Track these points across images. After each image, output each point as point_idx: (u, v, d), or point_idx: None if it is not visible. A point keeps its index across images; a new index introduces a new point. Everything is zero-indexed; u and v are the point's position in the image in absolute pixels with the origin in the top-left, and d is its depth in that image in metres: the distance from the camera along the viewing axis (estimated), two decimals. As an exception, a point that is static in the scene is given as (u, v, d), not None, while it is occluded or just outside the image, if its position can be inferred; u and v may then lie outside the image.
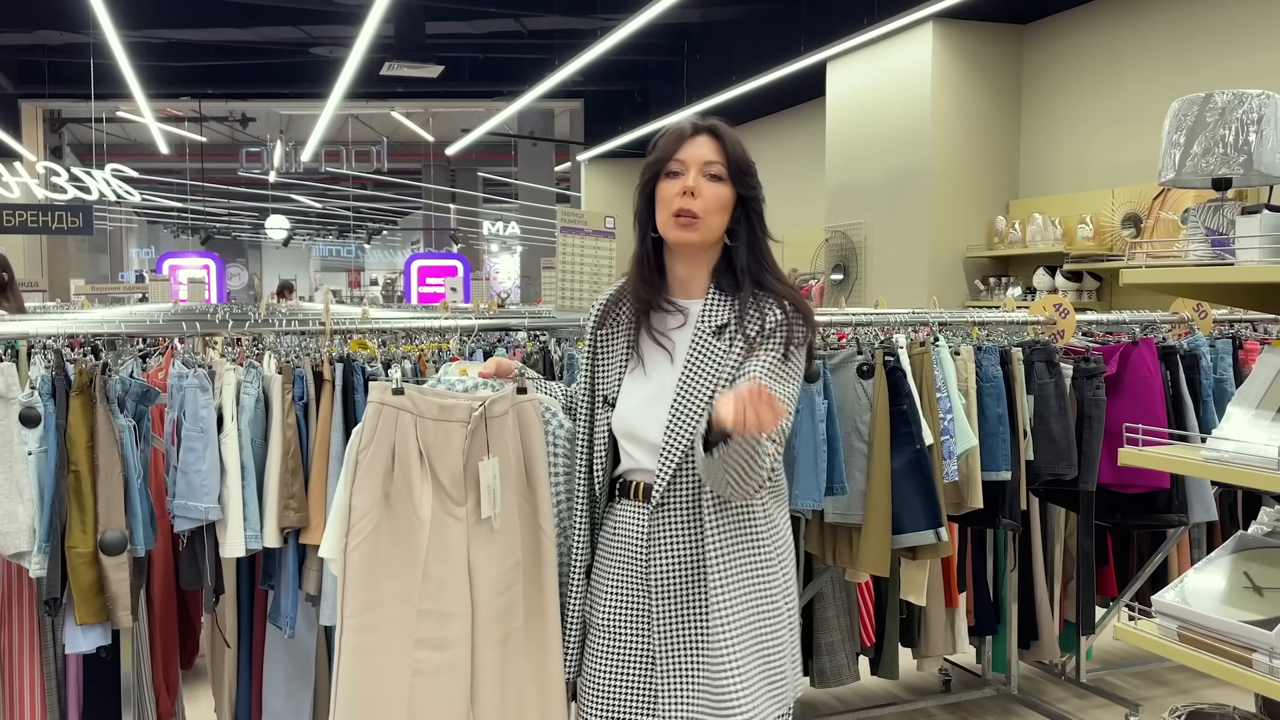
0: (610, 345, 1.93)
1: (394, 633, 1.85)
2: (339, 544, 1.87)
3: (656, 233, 1.85)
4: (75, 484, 2.23)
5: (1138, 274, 2.09)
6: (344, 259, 34.09)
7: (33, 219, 10.64)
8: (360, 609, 1.85)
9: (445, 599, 1.86)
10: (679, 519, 1.81)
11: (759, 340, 1.79)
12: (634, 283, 1.89)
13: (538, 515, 1.94)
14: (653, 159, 1.84)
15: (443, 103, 14.29)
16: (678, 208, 1.79)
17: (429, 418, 1.88)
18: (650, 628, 1.83)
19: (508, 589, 1.90)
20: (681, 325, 1.86)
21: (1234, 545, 2.02)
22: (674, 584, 1.81)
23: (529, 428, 1.94)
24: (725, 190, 1.81)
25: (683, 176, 1.80)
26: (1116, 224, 6.49)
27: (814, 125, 9.60)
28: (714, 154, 1.81)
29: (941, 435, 2.89)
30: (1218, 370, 3.43)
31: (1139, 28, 6.66)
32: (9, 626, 2.45)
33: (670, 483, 1.80)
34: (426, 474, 1.87)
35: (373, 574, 1.85)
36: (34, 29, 10.41)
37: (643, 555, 1.83)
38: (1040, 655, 3.66)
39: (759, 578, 1.83)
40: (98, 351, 2.60)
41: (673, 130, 1.85)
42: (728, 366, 1.79)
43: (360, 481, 1.86)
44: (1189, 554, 3.72)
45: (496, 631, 1.89)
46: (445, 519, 1.88)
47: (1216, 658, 1.83)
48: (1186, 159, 2.09)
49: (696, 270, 1.87)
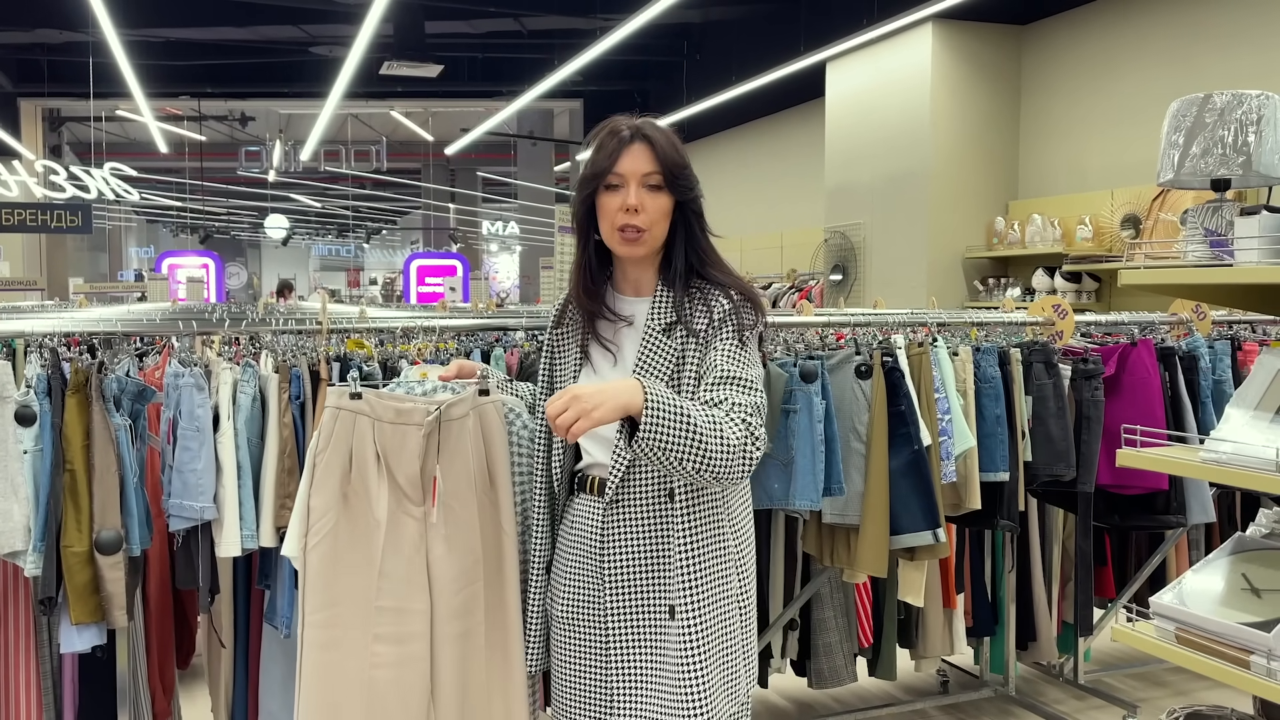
0: (564, 345, 1.97)
1: (352, 628, 1.92)
2: (299, 544, 1.95)
3: (599, 236, 1.89)
4: (71, 483, 2.23)
5: (1136, 275, 2.08)
6: (343, 258, 34.09)
7: (31, 218, 10.63)
8: (320, 606, 1.93)
9: (403, 595, 1.92)
10: (636, 513, 1.83)
11: (709, 332, 1.82)
12: (576, 293, 1.93)
13: (499, 514, 2.00)
14: (590, 172, 1.85)
15: (442, 102, 14.29)
16: (622, 223, 1.82)
17: (386, 421, 1.93)
18: (605, 621, 1.85)
19: (467, 586, 1.96)
20: (629, 325, 1.90)
21: (1232, 547, 2.02)
22: (629, 578, 1.83)
23: (491, 429, 1.99)
24: (665, 199, 1.84)
25: (623, 190, 1.82)
26: (1116, 225, 6.48)
27: (813, 125, 9.60)
28: (649, 163, 1.83)
29: (939, 436, 2.89)
30: (1216, 371, 3.43)
31: (1138, 29, 6.65)
32: (4, 626, 2.45)
33: (625, 477, 1.82)
34: (383, 475, 1.93)
35: (332, 572, 1.93)
36: (33, 28, 10.41)
37: (597, 550, 1.86)
38: (1038, 656, 3.65)
39: (721, 574, 1.85)
40: (94, 350, 2.60)
41: (608, 136, 1.85)
42: (675, 361, 1.82)
43: (318, 483, 1.93)
44: (1187, 555, 3.72)
45: (456, 627, 1.94)
46: (402, 519, 1.94)
47: (1214, 659, 1.83)
48: (1185, 160, 2.08)
49: (645, 270, 1.91)
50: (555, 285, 4.39)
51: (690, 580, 1.81)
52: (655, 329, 1.85)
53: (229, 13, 10.15)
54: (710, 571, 1.83)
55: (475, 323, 3.00)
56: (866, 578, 3.09)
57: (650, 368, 1.83)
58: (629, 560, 1.83)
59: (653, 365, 1.83)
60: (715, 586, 1.83)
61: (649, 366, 1.83)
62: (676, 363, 1.83)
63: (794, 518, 3.10)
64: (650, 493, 1.83)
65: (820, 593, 3.28)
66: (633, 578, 1.83)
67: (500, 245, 26.79)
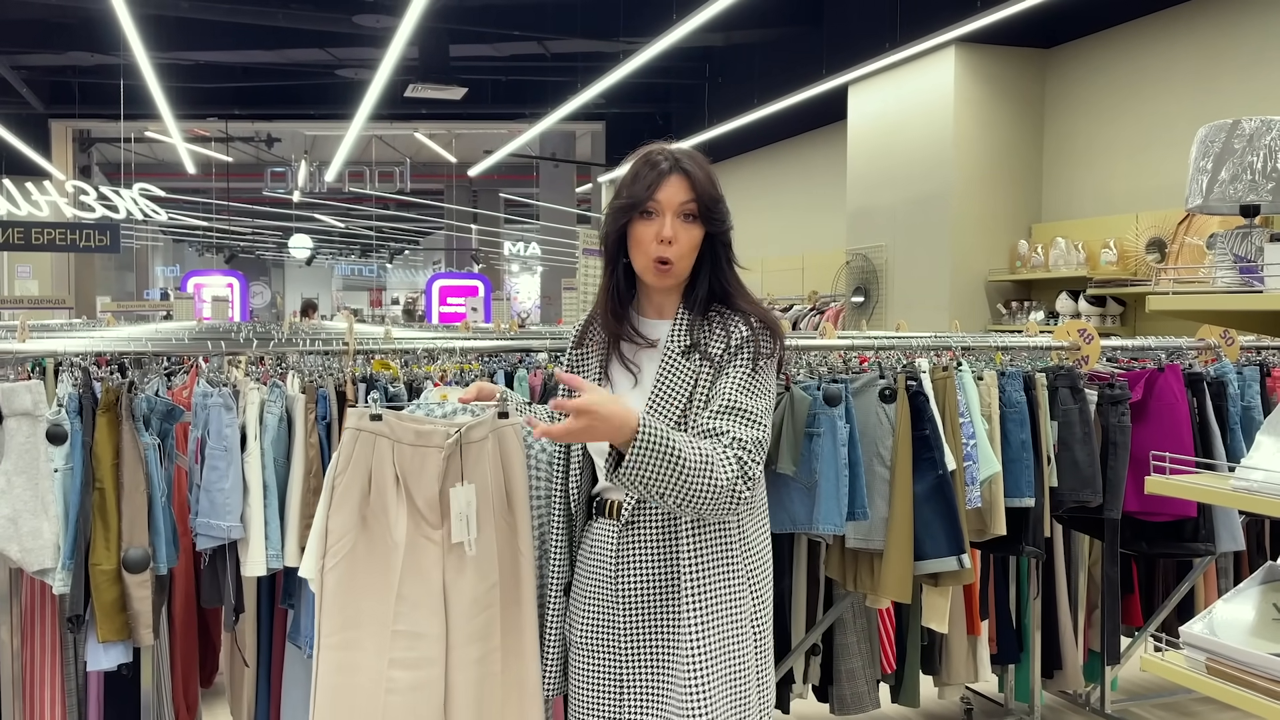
0: (584, 365, 1.98)
1: (369, 651, 1.91)
2: (317, 565, 1.94)
3: (627, 260, 1.90)
4: (100, 501, 2.25)
5: (1165, 300, 2.07)
6: (366, 278, 34.33)
7: (61, 237, 10.79)
8: (336, 628, 1.92)
9: (419, 620, 1.91)
10: (650, 537, 1.84)
11: (725, 357, 1.84)
12: (603, 315, 1.95)
13: (517, 538, 1.99)
14: (628, 200, 1.86)
15: (465, 124, 14.41)
16: (657, 255, 1.84)
17: (405, 443, 1.92)
18: (621, 645, 1.86)
19: (484, 610, 1.94)
20: (651, 347, 1.91)
21: (1263, 576, 1.99)
22: (644, 602, 1.84)
23: (510, 451, 1.99)
24: (697, 231, 1.87)
25: (658, 220, 1.84)
26: (1141, 248, 6.44)
27: (835, 148, 9.61)
28: (686, 193, 1.84)
29: (964, 461, 2.87)
30: (1245, 398, 3.40)
31: (1162, 52, 6.64)
32: (32, 643, 2.47)
33: (639, 501, 1.84)
34: (402, 498, 1.92)
35: (349, 595, 1.92)
36: (65, 50, 10.59)
37: (612, 573, 1.86)
38: (1064, 685, 3.61)
39: (732, 598, 1.84)
40: (124, 370, 2.63)
41: (648, 165, 1.87)
42: (692, 384, 1.84)
43: (337, 505, 1.92)
44: (1215, 584, 3.67)
45: (472, 651, 1.93)
46: (421, 542, 1.93)
47: (1246, 690, 1.80)
48: (1214, 185, 2.07)
49: (669, 295, 1.93)
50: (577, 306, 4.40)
51: (698, 604, 1.80)
52: (674, 351, 1.87)
53: (257, 36, 10.30)
54: (721, 595, 1.82)
55: (499, 344, 3.01)
56: (890, 603, 3.07)
57: (667, 389, 1.85)
58: (642, 584, 1.84)
59: (670, 386, 1.85)
60: (726, 610, 1.82)
61: (666, 388, 1.85)
62: (692, 385, 1.84)
63: (817, 542, 3.08)
64: (662, 516, 1.83)
65: (843, 617, 3.25)
66: (646, 602, 1.84)
67: (522, 266, 26.90)
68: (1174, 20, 6.57)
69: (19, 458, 2.21)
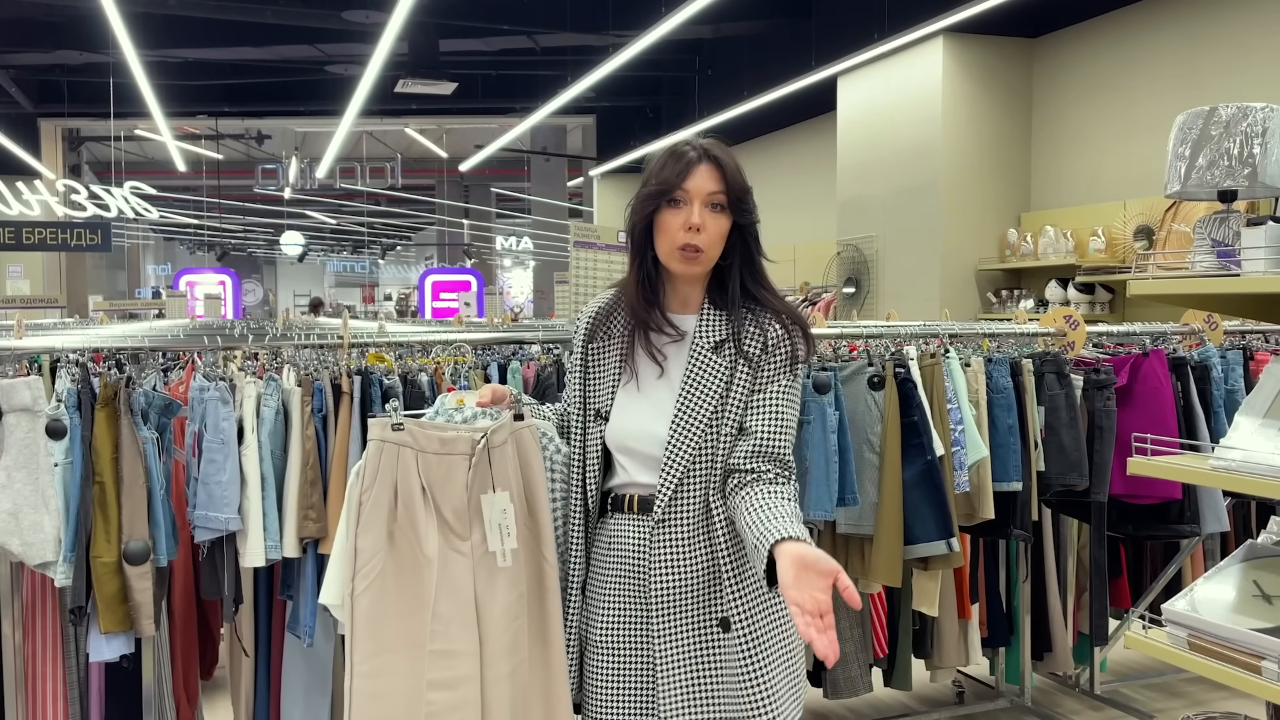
0: (602, 359, 1.93)
1: (404, 674, 1.80)
2: (344, 589, 1.80)
3: (654, 251, 1.87)
4: (100, 495, 2.28)
5: (1145, 285, 2.11)
6: (358, 274, 34.30)
7: (52, 236, 10.77)
8: (370, 654, 1.79)
9: (453, 637, 1.81)
10: (683, 532, 1.83)
11: (761, 358, 1.82)
12: (634, 302, 1.90)
13: (540, 544, 1.90)
14: (656, 187, 1.83)
15: (456, 119, 14.42)
16: (684, 243, 1.81)
17: (431, 452, 1.82)
18: (651, 641, 1.84)
19: (514, 621, 1.86)
20: (677, 340, 1.89)
21: (1244, 554, 2.04)
22: (677, 597, 1.82)
23: (528, 454, 1.90)
24: (725, 220, 1.84)
25: (687, 208, 1.81)
26: (1129, 236, 6.49)
27: (825, 139, 9.64)
28: (716, 183, 1.83)
29: (952, 446, 2.91)
30: (1229, 381, 3.44)
31: (1149, 41, 6.68)
32: (34, 635, 2.50)
33: (672, 497, 1.82)
34: (430, 510, 1.82)
35: (382, 618, 1.80)
36: (54, 49, 10.55)
37: (644, 569, 1.84)
38: (1054, 667, 3.66)
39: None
40: (121, 365, 2.65)
41: (676, 156, 1.85)
42: (724, 381, 1.82)
43: (365, 523, 1.80)
44: (1203, 565, 3.72)
45: (505, 666, 1.84)
46: (451, 555, 1.82)
47: (1226, 665, 1.84)
48: (1192, 171, 2.11)
49: (695, 287, 1.91)
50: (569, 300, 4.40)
51: (741, 590, 1.81)
52: (704, 346, 1.84)
53: (246, 33, 10.28)
54: (758, 580, 1.81)
55: (493, 336, 3.04)
56: (881, 588, 3.11)
57: (698, 384, 1.82)
58: (676, 577, 1.82)
59: (701, 382, 1.82)
60: (765, 593, 1.83)
61: (697, 383, 1.82)
62: (726, 382, 1.82)
63: (808, 528, 3.12)
64: (694, 510, 1.83)
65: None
66: (679, 594, 1.82)
67: (514, 260, 26.91)
68: (1159, 9, 6.61)
69: (19, 453, 2.24)
